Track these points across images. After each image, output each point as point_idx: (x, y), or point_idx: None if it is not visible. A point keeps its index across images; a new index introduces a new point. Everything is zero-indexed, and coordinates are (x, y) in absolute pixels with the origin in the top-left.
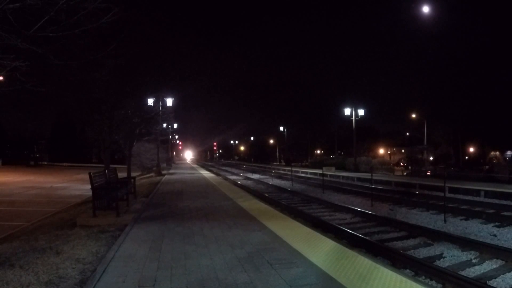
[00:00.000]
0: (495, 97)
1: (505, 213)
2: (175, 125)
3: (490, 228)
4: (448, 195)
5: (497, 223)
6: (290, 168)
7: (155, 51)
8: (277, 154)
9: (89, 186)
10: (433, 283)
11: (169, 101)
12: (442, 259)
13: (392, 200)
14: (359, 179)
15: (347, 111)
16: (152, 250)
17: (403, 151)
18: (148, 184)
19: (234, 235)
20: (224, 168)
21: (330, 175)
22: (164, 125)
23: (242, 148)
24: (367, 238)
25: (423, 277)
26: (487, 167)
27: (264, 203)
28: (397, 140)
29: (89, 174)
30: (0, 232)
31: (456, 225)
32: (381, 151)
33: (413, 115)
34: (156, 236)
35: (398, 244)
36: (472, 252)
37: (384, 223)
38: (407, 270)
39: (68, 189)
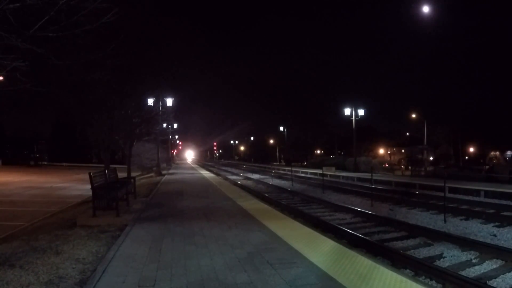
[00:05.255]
0: (495, 97)
1: (505, 213)
2: (175, 125)
3: (490, 228)
4: (448, 195)
5: (497, 223)
6: (290, 168)
7: (155, 51)
8: (277, 154)
9: (89, 186)
10: (433, 283)
11: (169, 101)
12: (442, 259)
13: (392, 200)
14: (359, 179)
15: (347, 111)
16: (152, 250)
17: (403, 151)
18: (148, 184)
19: (234, 235)
20: (224, 168)
21: (330, 175)
22: (164, 125)
23: (242, 148)
24: (367, 238)
25: (423, 277)
26: (487, 167)
27: (264, 203)
28: (397, 140)
29: (89, 174)
30: (0, 232)
31: (456, 225)
32: (381, 151)
33: (413, 115)
34: (156, 236)
35: (398, 244)
36: (472, 252)
37: (384, 223)
38: (407, 270)
39: (68, 189)
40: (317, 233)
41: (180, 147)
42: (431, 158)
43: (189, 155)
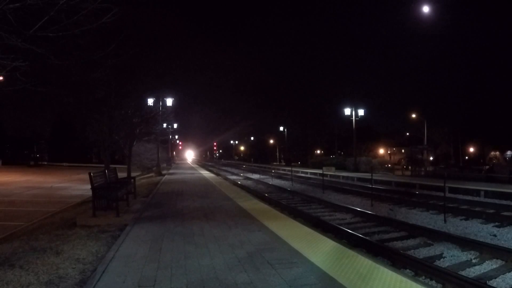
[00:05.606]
0: (495, 97)
1: (505, 213)
2: (175, 125)
3: (490, 228)
4: (448, 195)
5: (497, 223)
6: (290, 168)
7: (156, 51)
8: (277, 154)
9: (89, 186)
10: (433, 283)
11: (169, 101)
12: (442, 259)
13: (392, 200)
14: (359, 179)
15: (347, 111)
16: (152, 250)
17: (403, 151)
18: (148, 184)
19: (234, 235)
20: (224, 168)
21: (330, 175)
22: (164, 125)
23: (242, 148)
24: (367, 238)
25: (423, 277)
26: (487, 167)
27: (264, 203)
28: (397, 140)
29: (89, 174)
30: (0, 232)
31: (456, 225)
32: (381, 151)
33: (413, 115)
34: (156, 236)
35: (398, 244)
36: (472, 252)
37: (384, 223)
38: (407, 270)
39: (68, 189)
40: (317, 233)
41: (180, 147)
42: (431, 158)
43: (189, 155)
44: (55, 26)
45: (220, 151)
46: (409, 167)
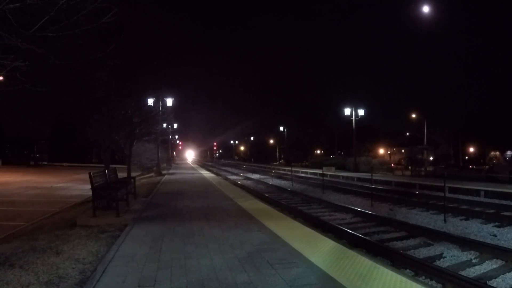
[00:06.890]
0: (495, 97)
1: (505, 213)
2: (175, 125)
3: (490, 228)
4: (448, 195)
5: (497, 223)
6: (290, 168)
7: (156, 51)
8: (277, 154)
9: (89, 186)
10: (433, 283)
11: (169, 101)
12: (442, 259)
13: (392, 200)
14: (359, 179)
15: (347, 111)
16: (152, 250)
17: (403, 151)
18: (148, 184)
19: (234, 235)
20: (224, 168)
21: (330, 175)
22: (164, 125)
23: (242, 148)
24: (367, 238)
25: (423, 277)
26: (487, 167)
27: (264, 203)
28: (397, 140)
29: (89, 174)
30: (0, 232)
31: (456, 225)
32: (381, 151)
33: (413, 115)
34: (156, 236)
35: (398, 244)
36: (472, 252)
37: (384, 223)
38: (407, 270)
39: (68, 189)
40: (317, 233)
41: (180, 147)
42: (431, 158)
43: (189, 155)
44: (55, 26)
45: (220, 151)
46: (409, 167)
